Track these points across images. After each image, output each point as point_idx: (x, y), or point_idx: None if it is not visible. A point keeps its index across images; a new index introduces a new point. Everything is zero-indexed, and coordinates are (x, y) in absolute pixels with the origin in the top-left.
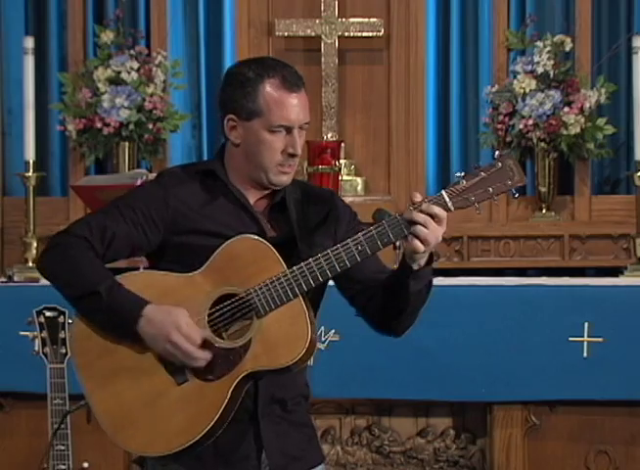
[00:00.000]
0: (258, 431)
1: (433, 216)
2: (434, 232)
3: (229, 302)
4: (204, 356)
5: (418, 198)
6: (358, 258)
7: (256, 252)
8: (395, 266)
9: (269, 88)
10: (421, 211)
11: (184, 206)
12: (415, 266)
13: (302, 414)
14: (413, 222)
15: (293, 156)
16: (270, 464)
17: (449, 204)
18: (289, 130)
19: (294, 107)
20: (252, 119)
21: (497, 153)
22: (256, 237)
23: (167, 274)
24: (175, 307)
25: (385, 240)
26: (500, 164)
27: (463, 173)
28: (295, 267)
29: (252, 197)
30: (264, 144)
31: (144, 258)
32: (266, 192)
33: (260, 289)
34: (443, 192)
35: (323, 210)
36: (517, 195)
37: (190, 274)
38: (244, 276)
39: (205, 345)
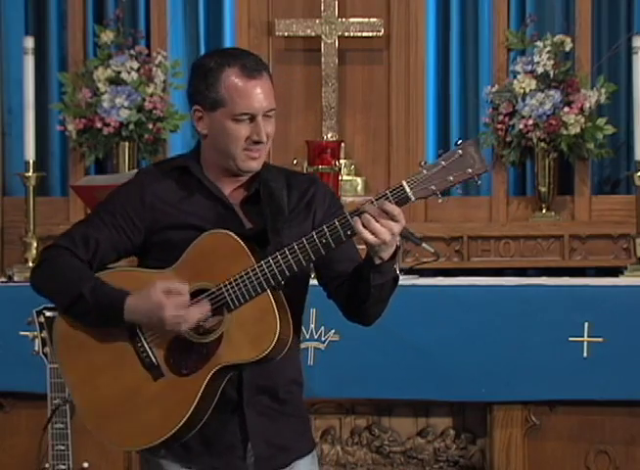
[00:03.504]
0: (244, 421)
1: (385, 211)
2: (386, 226)
3: (201, 296)
4: (200, 311)
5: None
6: (322, 251)
7: (227, 246)
8: None
9: (229, 77)
10: (373, 204)
11: (161, 202)
12: (376, 260)
13: (295, 403)
14: (364, 213)
15: (257, 143)
16: (255, 454)
17: (410, 193)
18: (252, 118)
19: (256, 94)
20: (217, 109)
21: (460, 141)
22: (226, 231)
23: (141, 271)
24: (149, 287)
25: (347, 232)
26: (461, 151)
27: (424, 162)
28: (262, 262)
29: (228, 188)
30: (229, 133)
31: None
32: (241, 182)
33: (230, 284)
34: (404, 182)
35: (305, 196)
36: (479, 182)
37: (163, 271)
38: (215, 271)
39: (181, 339)
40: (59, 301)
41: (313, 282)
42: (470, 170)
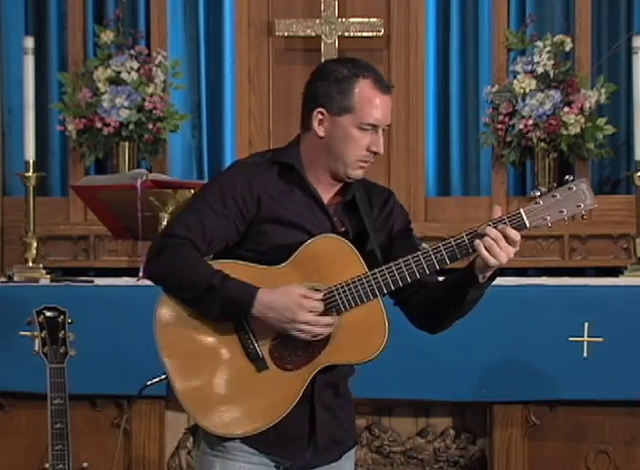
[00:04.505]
0: (314, 414)
1: (505, 236)
2: (505, 250)
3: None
4: (328, 322)
5: (497, 213)
6: (437, 267)
7: (339, 252)
8: None
9: (364, 87)
10: (495, 228)
11: (266, 194)
12: (481, 279)
13: (348, 397)
14: (486, 237)
15: (374, 153)
16: (317, 446)
17: (527, 222)
18: (375, 129)
19: (385, 108)
20: (343, 115)
21: (571, 177)
22: (340, 237)
23: (254, 266)
24: (287, 286)
25: (463, 252)
26: (574, 187)
27: (539, 194)
28: (376, 270)
29: (325, 192)
30: (351, 139)
31: None
32: (337, 188)
33: (342, 288)
34: (522, 210)
35: (386, 206)
36: (585, 217)
37: (278, 266)
38: (327, 274)
39: (286, 335)
40: (186, 292)
41: None
42: (581, 205)
